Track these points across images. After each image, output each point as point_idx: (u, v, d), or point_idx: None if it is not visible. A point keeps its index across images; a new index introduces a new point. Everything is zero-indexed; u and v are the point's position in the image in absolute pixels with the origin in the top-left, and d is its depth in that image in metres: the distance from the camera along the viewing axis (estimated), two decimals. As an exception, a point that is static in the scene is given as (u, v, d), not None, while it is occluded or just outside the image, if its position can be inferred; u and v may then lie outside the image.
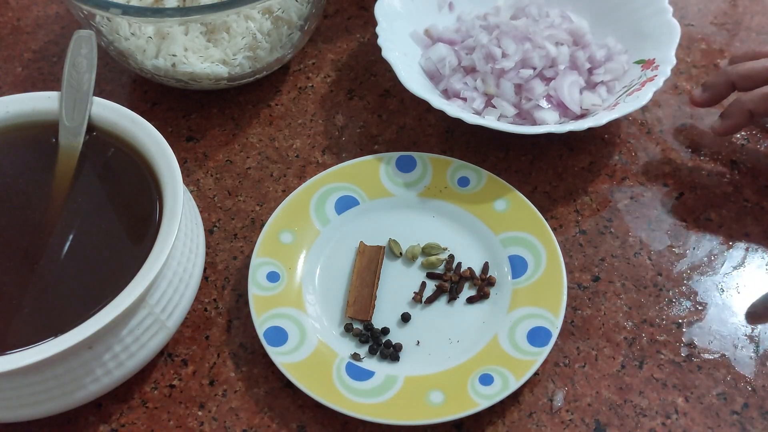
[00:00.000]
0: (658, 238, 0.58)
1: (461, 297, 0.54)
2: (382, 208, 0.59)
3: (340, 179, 0.59)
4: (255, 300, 0.52)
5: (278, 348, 0.50)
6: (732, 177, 0.61)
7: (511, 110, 0.61)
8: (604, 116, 0.57)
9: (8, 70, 0.71)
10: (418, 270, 0.56)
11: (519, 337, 0.51)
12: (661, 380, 0.51)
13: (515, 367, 0.49)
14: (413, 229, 0.58)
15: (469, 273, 0.55)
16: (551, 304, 0.52)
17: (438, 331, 0.53)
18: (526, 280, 0.54)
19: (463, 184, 0.59)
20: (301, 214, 0.57)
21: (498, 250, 0.56)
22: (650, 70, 0.61)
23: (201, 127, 0.66)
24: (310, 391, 0.48)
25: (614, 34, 0.65)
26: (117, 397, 0.51)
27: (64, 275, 0.46)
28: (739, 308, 0.54)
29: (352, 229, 0.58)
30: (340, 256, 0.56)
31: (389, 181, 0.59)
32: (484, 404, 0.48)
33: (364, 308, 0.53)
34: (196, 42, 0.61)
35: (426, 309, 0.54)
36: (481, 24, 0.66)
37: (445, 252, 0.57)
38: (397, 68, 0.60)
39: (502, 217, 0.57)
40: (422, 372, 0.51)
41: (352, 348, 0.52)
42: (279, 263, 0.55)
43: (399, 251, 0.57)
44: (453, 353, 0.52)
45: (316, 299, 0.54)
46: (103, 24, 0.59)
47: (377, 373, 0.50)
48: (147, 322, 0.46)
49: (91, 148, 0.51)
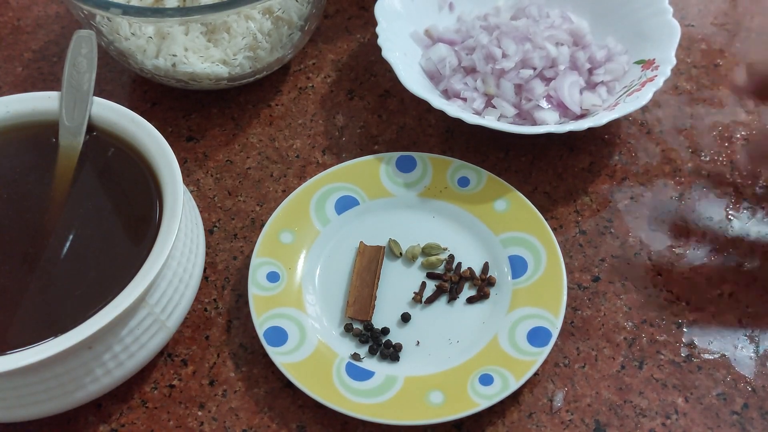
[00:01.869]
0: (658, 238, 0.58)
1: (461, 297, 0.54)
2: (382, 208, 0.59)
3: (340, 179, 0.59)
4: (255, 300, 0.52)
5: (278, 348, 0.50)
6: (732, 177, 0.61)
7: (511, 110, 0.61)
8: (604, 116, 0.57)
9: (8, 70, 0.71)
10: (418, 270, 0.56)
11: (519, 338, 0.51)
12: (661, 380, 0.51)
13: (515, 368, 0.49)
14: (413, 230, 0.58)
15: (469, 273, 0.55)
16: (551, 304, 0.52)
17: (438, 331, 0.53)
18: (526, 280, 0.54)
19: (463, 184, 0.59)
20: (301, 214, 0.57)
21: (498, 251, 0.56)
22: (650, 70, 0.61)
23: (201, 127, 0.66)
24: (310, 391, 0.48)
25: (614, 35, 0.65)
26: (117, 397, 0.51)
27: (64, 275, 0.46)
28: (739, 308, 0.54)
29: (352, 229, 0.58)
30: (340, 256, 0.56)
31: (389, 181, 0.59)
32: (484, 404, 0.48)
33: (364, 308, 0.53)
34: (197, 42, 0.61)
35: (426, 309, 0.54)
36: (481, 24, 0.65)
37: (445, 252, 0.57)
38: (397, 68, 0.60)
39: (502, 218, 0.57)
40: (422, 372, 0.51)
41: (352, 348, 0.52)
42: (279, 263, 0.55)
43: (399, 251, 0.56)
44: (453, 353, 0.52)
45: (316, 299, 0.54)
46: (103, 24, 0.59)
47: (377, 373, 0.50)
48: (147, 322, 0.46)
49: (91, 148, 0.51)
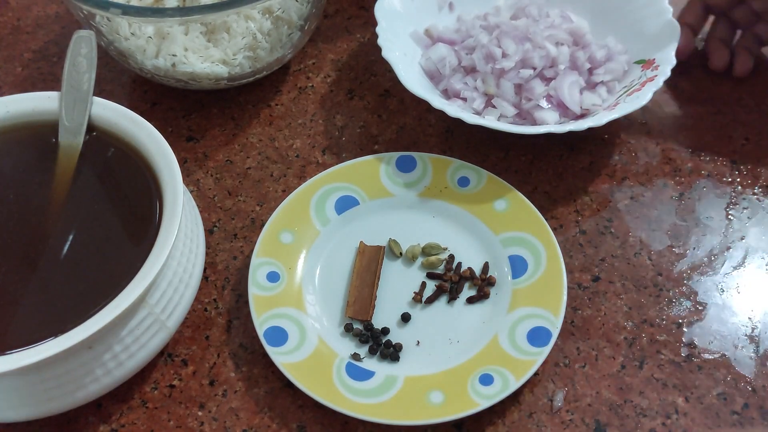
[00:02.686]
0: (658, 238, 0.58)
1: (461, 297, 0.54)
2: (382, 208, 0.59)
3: (340, 179, 0.59)
4: (255, 300, 0.52)
5: (278, 348, 0.50)
6: (732, 177, 0.61)
7: (511, 110, 0.61)
8: (604, 116, 0.57)
9: (8, 70, 0.71)
10: (418, 270, 0.56)
11: (519, 337, 0.51)
12: (661, 380, 0.51)
13: (515, 367, 0.49)
14: (413, 229, 0.58)
15: (469, 273, 0.55)
16: (551, 304, 0.52)
17: (438, 331, 0.53)
18: (526, 280, 0.54)
19: (463, 184, 0.59)
20: (301, 214, 0.57)
21: (498, 250, 0.56)
22: (650, 70, 0.61)
23: (201, 127, 0.66)
24: (310, 391, 0.48)
25: (614, 35, 0.65)
26: (117, 397, 0.51)
27: (64, 275, 0.46)
28: (739, 308, 0.54)
29: (352, 229, 0.58)
30: (340, 256, 0.56)
31: (389, 181, 0.59)
32: (484, 404, 0.48)
33: (364, 308, 0.53)
34: (196, 42, 0.61)
35: (426, 309, 0.54)
36: (481, 24, 0.65)
37: (445, 252, 0.57)
38: (397, 68, 0.60)
39: (502, 217, 0.57)
40: (422, 372, 0.51)
41: (352, 348, 0.52)
42: (279, 263, 0.55)
43: (399, 251, 0.56)
44: (453, 353, 0.52)
45: (316, 299, 0.54)
46: (102, 24, 0.59)
47: (377, 373, 0.50)
48: (147, 322, 0.46)
49: (91, 148, 0.51)
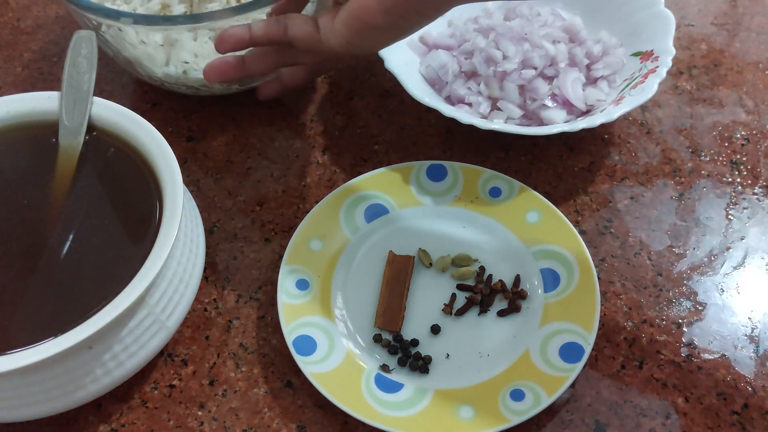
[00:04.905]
0: (658, 238, 0.58)
1: (492, 310, 0.53)
2: (412, 218, 0.57)
3: (370, 187, 0.58)
4: (284, 308, 0.51)
5: (307, 357, 0.49)
6: (732, 177, 0.61)
7: (517, 112, 0.60)
8: (614, 111, 0.57)
9: (8, 70, 0.71)
10: (448, 281, 0.55)
11: (551, 353, 0.50)
12: (661, 380, 0.51)
13: (547, 383, 0.48)
14: (443, 240, 0.56)
15: (500, 286, 0.54)
16: (584, 319, 0.50)
17: (468, 344, 0.52)
18: (559, 294, 0.53)
19: (494, 194, 0.58)
20: (331, 221, 0.56)
21: (530, 263, 0.55)
22: (650, 61, 0.61)
23: (201, 127, 0.66)
24: (340, 402, 0.47)
25: (607, 29, 0.65)
26: (117, 397, 0.51)
27: (64, 275, 0.46)
28: (739, 308, 0.54)
29: (381, 238, 0.56)
30: (368, 265, 0.55)
31: (419, 190, 0.58)
32: (515, 420, 0.46)
33: (393, 319, 0.52)
34: (206, 48, 0.60)
35: (456, 321, 0.53)
36: (474, 27, 0.65)
37: (476, 263, 0.55)
38: (403, 79, 0.59)
39: (534, 230, 0.56)
40: (452, 386, 0.49)
41: (381, 359, 0.51)
42: (309, 271, 0.54)
43: (429, 261, 0.55)
44: (483, 367, 0.50)
45: (345, 308, 0.53)
46: (110, 33, 0.59)
47: (406, 386, 0.49)
48: (147, 322, 0.46)
49: (91, 148, 0.51)
